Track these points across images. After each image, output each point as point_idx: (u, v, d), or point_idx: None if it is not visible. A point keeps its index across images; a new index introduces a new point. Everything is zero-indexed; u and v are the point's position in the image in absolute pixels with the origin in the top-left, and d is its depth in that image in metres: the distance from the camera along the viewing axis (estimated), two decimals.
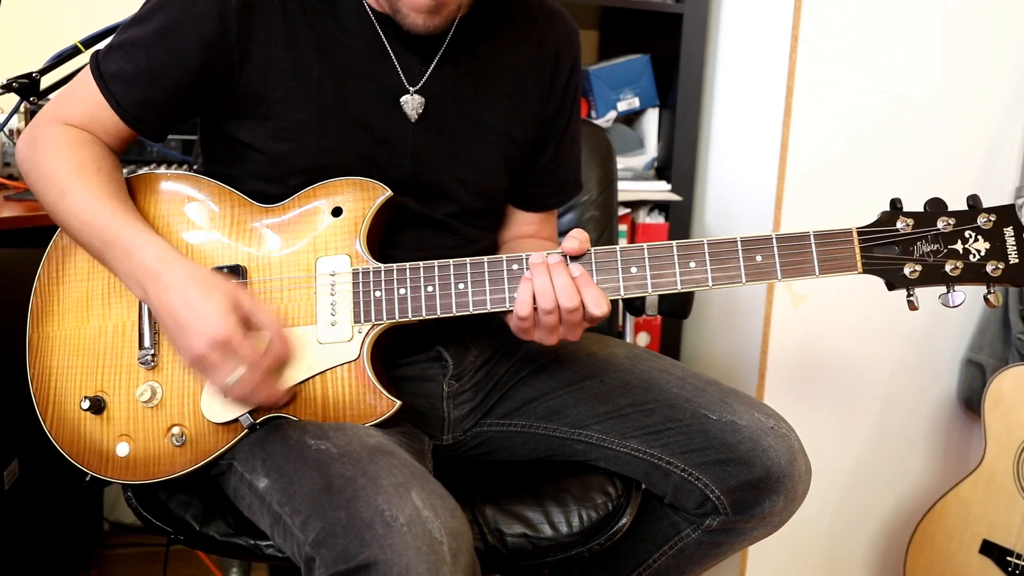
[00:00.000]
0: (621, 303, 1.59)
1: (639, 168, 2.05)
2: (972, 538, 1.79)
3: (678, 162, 2.02)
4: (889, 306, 1.84)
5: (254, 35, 1.06)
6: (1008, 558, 1.74)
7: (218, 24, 1.04)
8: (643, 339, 2.05)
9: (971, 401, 1.93)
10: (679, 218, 2.03)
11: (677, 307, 1.44)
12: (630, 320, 1.75)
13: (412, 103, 1.11)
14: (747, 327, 1.90)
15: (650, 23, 2.06)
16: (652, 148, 2.09)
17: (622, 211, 1.99)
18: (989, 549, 1.77)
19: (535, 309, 1.01)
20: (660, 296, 1.42)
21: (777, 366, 1.85)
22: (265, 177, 1.10)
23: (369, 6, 1.10)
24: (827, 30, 1.73)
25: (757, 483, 1.08)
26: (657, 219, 2.05)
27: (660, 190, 2.02)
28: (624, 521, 1.18)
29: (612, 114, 2.05)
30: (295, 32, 1.07)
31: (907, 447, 1.99)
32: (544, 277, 1.00)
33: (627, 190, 1.97)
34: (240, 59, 1.06)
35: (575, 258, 1.02)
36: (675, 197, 2.01)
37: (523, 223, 1.30)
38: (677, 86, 1.99)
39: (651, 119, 2.09)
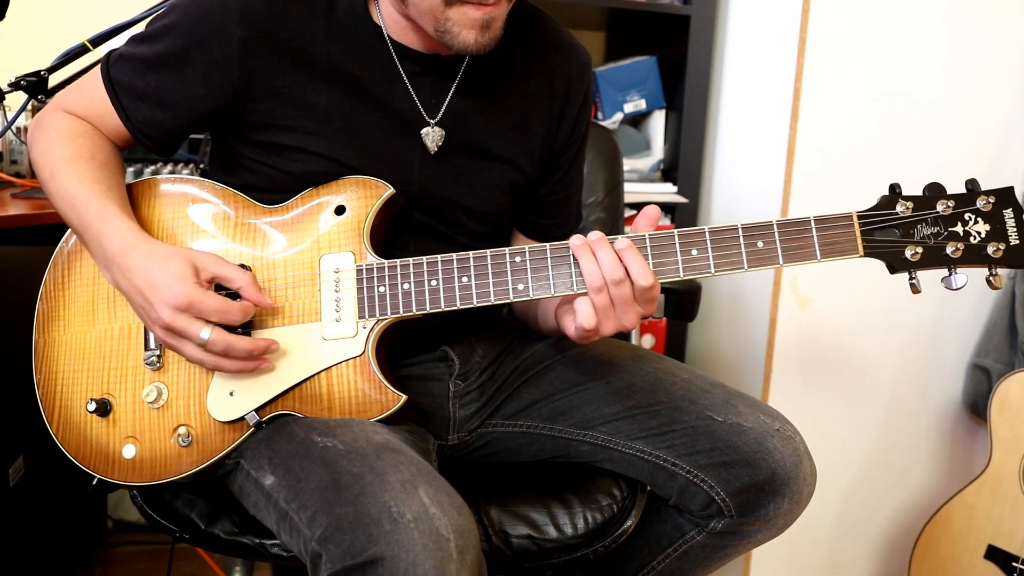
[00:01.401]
0: None
1: (645, 170, 2.06)
2: (977, 543, 1.79)
3: (684, 164, 2.02)
4: (895, 309, 1.86)
5: (259, 65, 1.06)
6: (1014, 564, 1.74)
7: (222, 54, 1.05)
8: (648, 341, 2.05)
9: (977, 406, 1.93)
10: (685, 220, 2.03)
11: (683, 309, 1.44)
12: None
13: (433, 135, 1.12)
14: (752, 329, 1.91)
15: (657, 25, 2.06)
16: (658, 150, 2.09)
17: (628, 213, 1.99)
18: (994, 555, 1.77)
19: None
20: (666, 297, 1.42)
21: (782, 368, 1.85)
22: (270, 189, 1.11)
23: (388, 35, 1.10)
24: (835, 32, 1.73)
25: (762, 485, 1.08)
26: (663, 221, 2.05)
27: (666, 192, 2.02)
28: (629, 523, 1.18)
29: (618, 116, 2.06)
30: (303, 61, 1.07)
31: (912, 451, 1.99)
32: (589, 258, 0.99)
33: (633, 192, 1.97)
34: (245, 89, 1.06)
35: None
36: (681, 199, 2.01)
37: None
38: (684, 88, 1.99)
39: (657, 121, 2.09)
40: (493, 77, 1.15)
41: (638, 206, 2.03)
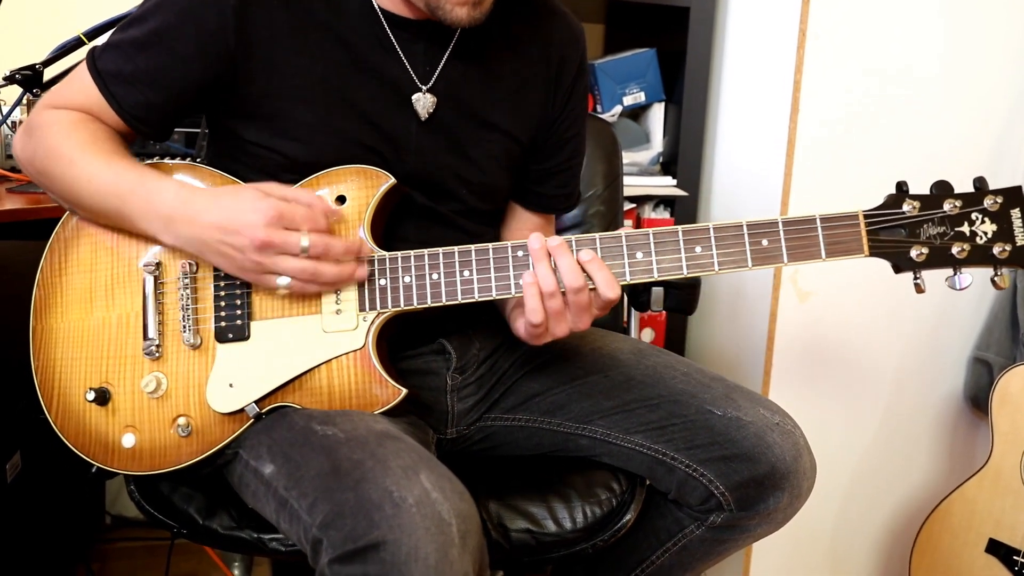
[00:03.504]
0: (625, 298, 1.60)
1: (644, 163, 2.06)
2: (978, 537, 1.80)
3: (684, 157, 2.02)
4: (896, 303, 1.86)
5: (255, 34, 1.06)
6: (1015, 557, 1.75)
7: (216, 24, 1.04)
8: (648, 335, 2.06)
9: (978, 399, 1.94)
10: (685, 213, 2.03)
11: (682, 303, 1.44)
12: (635, 316, 1.75)
13: (424, 102, 1.12)
14: (753, 323, 1.91)
15: (657, 17, 2.06)
16: (658, 143, 2.09)
17: (627, 206, 2.00)
18: (995, 548, 1.77)
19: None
20: (665, 291, 1.42)
21: (783, 362, 1.85)
22: (270, 173, 1.11)
23: (377, 5, 1.10)
24: (835, 23, 1.73)
25: (762, 479, 1.09)
26: (663, 214, 2.06)
27: (666, 185, 2.02)
28: (628, 517, 1.19)
29: (618, 108, 2.06)
30: (298, 30, 1.07)
31: (913, 445, 1.99)
32: (543, 262, 1.00)
33: (632, 185, 1.97)
34: (241, 59, 1.06)
35: (581, 245, 1.02)
36: (681, 192, 2.01)
37: (524, 224, 1.30)
38: (683, 80, 1.99)
39: (657, 114, 2.09)
40: (487, 45, 1.16)
41: (637, 199, 2.03)
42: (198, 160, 1.60)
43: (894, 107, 1.79)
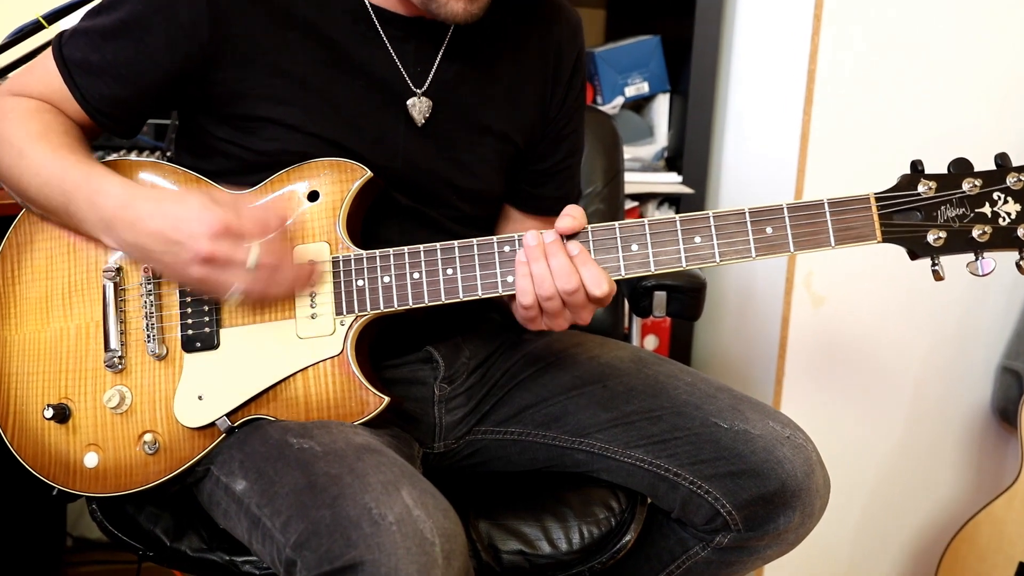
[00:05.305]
0: (627, 303, 1.60)
1: (648, 158, 2.06)
2: (1007, 561, 1.80)
3: (690, 152, 2.02)
4: (917, 307, 1.86)
5: (230, 29, 1.06)
6: None
7: (189, 17, 1.04)
8: (651, 342, 2.06)
9: (1006, 411, 1.94)
10: (690, 212, 2.03)
11: (686, 308, 1.44)
12: (637, 322, 1.74)
13: (420, 106, 1.13)
14: (763, 330, 1.91)
15: (661, 2, 2.07)
16: (662, 137, 2.10)
17: (629, 204, 2.00)
18: None
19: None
20: (668, 296, 1.42)
21: (795, 372, 1.85)
22: (241, 173, 1.11)
23: (370, 2, 1.10)
24: (851, 9, 1.74)
25: (771, 497, 1.09)
26: (667, 213, 2.06)
27: (670, 182, 2.03)
28: (628, 537, 1.19)
29: (619, 100, 2.06)
30: (276, 26, 1.07)
31: (936, 460, 1.99)
32: (540, 262, 1.00)
33: (635, 182, 1.98)
34: (215, 55, 1.06)
35: (571, 236, 1.02)
36: (686, 190, 2.02)
37: (520, 228, 1.30)
38: (689, 70, 1.99)
39: (661, 105, 2.10)
40: (482, 43, 1.16)
41: (640, 197, 2.03)
42: (167, 155, 1.60)
43: (917, 97, 1.79)
